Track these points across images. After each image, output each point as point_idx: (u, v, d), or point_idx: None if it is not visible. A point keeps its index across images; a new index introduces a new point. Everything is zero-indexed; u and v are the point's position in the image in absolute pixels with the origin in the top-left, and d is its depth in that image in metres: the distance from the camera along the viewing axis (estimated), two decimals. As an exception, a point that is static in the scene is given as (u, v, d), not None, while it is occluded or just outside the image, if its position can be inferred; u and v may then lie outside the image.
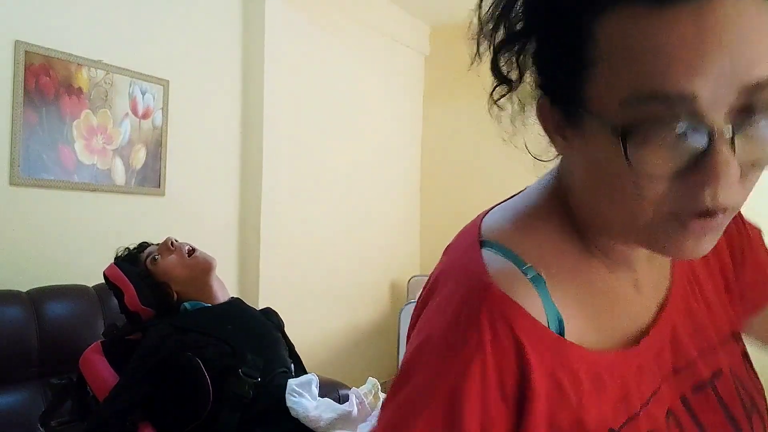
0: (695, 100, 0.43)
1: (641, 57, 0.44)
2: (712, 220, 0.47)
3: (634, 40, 0.44)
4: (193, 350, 1.54)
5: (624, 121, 0.45)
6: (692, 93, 0.43)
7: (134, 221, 2.58)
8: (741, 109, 0.44)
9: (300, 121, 3.41)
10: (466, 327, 0.49)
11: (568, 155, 0.55)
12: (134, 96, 2.59)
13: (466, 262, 0.54)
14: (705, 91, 0.43)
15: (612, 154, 0.46)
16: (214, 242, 2.76)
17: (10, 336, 1.86)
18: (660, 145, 0.45)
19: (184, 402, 1.52)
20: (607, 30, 0.46)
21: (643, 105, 0.44)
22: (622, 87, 0.45)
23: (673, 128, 0.44)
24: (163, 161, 2.71)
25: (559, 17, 0.49)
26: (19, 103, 2.18)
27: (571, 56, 0.48)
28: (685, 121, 0.44)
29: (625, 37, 0.45)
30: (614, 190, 0.49)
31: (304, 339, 2.19)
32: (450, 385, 0.48)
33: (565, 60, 0.49)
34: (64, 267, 2.30)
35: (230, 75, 3.08)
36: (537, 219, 0.57)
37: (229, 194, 3.09)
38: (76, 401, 1.67)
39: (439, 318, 0.52)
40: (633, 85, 0.44)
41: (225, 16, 3.04)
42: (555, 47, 0.50)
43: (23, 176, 2.21)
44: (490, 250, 0.54)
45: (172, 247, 1.76)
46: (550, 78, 0.52)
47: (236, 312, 1.78)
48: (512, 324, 0.49)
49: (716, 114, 0.43)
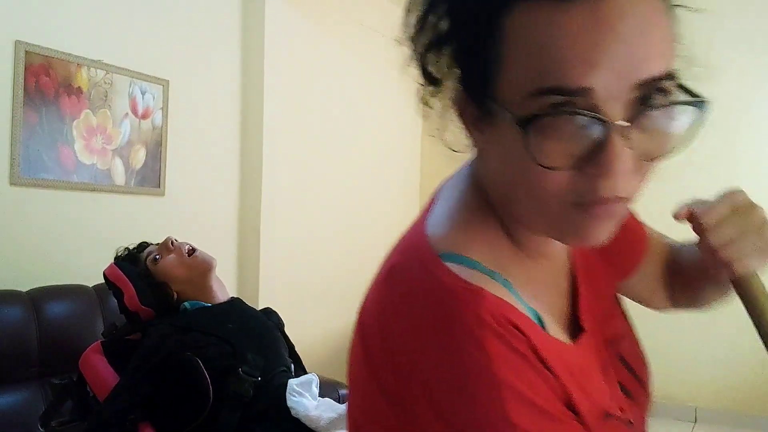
0: (592, 93, 0.44)
1: (542, 51, 0.45)
2: (610, 207, 0.49)
3: (537, 35, 0.46)
4: (193, 350, 1.54)
5: (527, 113, 0.46)
6: (589, 86, 0.44)
7: (134, 221, 2.58)
8: (637, 102, 0.45)
9: (300, 120, 3.41)
10: (479, 344, 0.46)
11: (485, 149, 0.55)
12: (134, 96, 2.59)
13: (436, 282, 0.50)
14: (601, 85, 0.44)
15: (519, 146, 0.47)
16: (214, 242, 2.75)
17: (10, 336, 1.86)
18: (559, 138, 0.46)
19: (185, 402, 1.52)
20: (515, 25, 0.47)
21: (544, 98, 0.45)
22: (527, 81, 0.46)
23: (571, 121, 0.45)
24: (162, 161, 2.71)
25: (472, 15, 0.50)
26: (19, 103, 2.18)
27: (484, 52, 0.49)
28: (583, 114, 0.45)
29: (528, 33, 0.46)
30: (523, 183, 0.50)
31: (304, 339, 2.19)
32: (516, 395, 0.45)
33: (479, 55, 0.50)
34: (64, 267, 2.30)
35: (230, 75, 3.08)
36: (475, 221, 0.56)
37: (229, 194, 3.09)
38: (77, 401, 1.67)
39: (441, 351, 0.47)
40: (535, 79, 0.45)
41: (225, 16, 3.04)
42: (470, 44, 0.51)
43: (23, 176, 2.21)
44: (452, 263, 0.51)
45: (172, 246, 1.76)
46: (466, 73, 0.52)
47: (236, 312, 1.78)
48: (517, 325, 0.48)
49: (612, 107, 0.45)
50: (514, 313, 0.49)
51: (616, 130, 0.45)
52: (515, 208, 0.54)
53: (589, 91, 0.44)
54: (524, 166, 0.48)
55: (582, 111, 0.45)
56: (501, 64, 0.48)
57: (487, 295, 0.48)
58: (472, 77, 0.52)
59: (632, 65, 0.44)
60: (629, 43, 0.44)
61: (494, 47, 0.48)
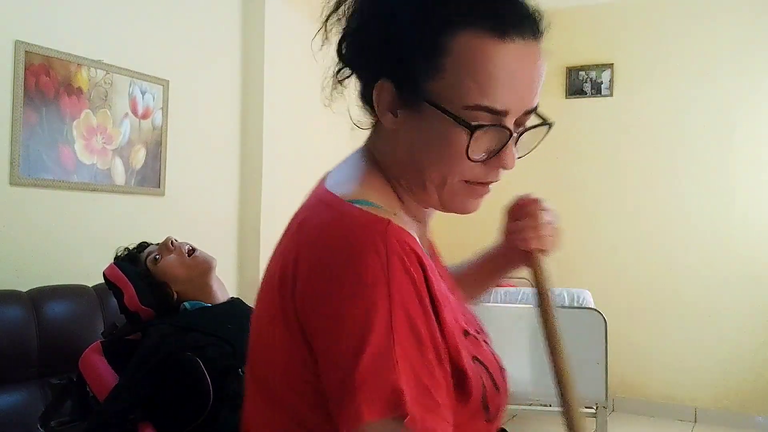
0: (507, 114, 0.65)
1: (481, 74, 0.63)
2: (487, 189, 0.71)
3: (478, 60, 0.63)
4: (193, 350, 1.54)
5: (466, 119, 0.64)
6: (508, 110, 0.65)
7: (134, 221, 2.58)
8: (519, 123, 0.68)
9: (300, 120, 3.41)
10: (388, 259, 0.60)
11: (394, 130, 0.70)
12: (134, 96, 2.59)
13: (349, 217, 0.63)
14: (513, 109, 0.65)
15: (446, 138, 0.65)
16: (214, 242, 2.75)
17: (10, 336, 1.86)
18: (484, 141, 0.66)
19: (185, 402, 1.52)
20: (459, 46, 0.63)
21: (479, 112, 0.64)
22: (465, 94, 0.64)
23: (494, 131, 0.65)
24: (162, 161, 2.71)
25: (422, 27, 0.64)
26: (19, 103, 2.18)
27: (427, 60, 0.64)
28: (505, 129, 0.65)
29: (471, 55, 0.63)
30: (439, 165, 0.67)
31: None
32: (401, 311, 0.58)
33: (421, 62, 0.64)
34: (64, 267, 2.30)
35: (230, 75, 3.08)
36: (374, 182, 0.71)
37: (229, 194, 3.09)
38: (76, 401, 1.67)
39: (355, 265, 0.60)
40: (473, 95, 0.63)
41: (225, 16, 3.04)
42: (413, 50, 0.65)
43: (23, 176, 2.21)
44: (361, 204, 0.65)
45: (172, 246, 1.75)
46: (400, 70, 0.66)
47: (236, 312, 1.78)
48: (414, 248, 0.62)
49: (511, 123, 0.66)
50: (414, 243, 0.64)
51: (513, 139, 0.67)
52: (413, 180, 0.71)
53: (507, 112, 0.65)
54: (448, 153, 0.66)
55: (505, 126, 0.65)
56: (440, 72, 0.64)
57: (393, 223, 0.62)
58: (406, 74, 0.66)
59: (529, 99, 0.66)
60: (532, 83, 0.66)
61: (435, 58, 0.64)
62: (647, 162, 4.11)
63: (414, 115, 0.67)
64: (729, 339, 3.84)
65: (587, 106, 4.23)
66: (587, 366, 2.73)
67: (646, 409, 4.03)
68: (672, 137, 4.05)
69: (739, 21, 3.89)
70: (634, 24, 4.16)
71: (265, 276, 0.71)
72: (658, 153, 4.08)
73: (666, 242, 4.03)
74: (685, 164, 4.01)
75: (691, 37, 4.00)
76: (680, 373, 3.97)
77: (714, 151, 3.96)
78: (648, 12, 4.12)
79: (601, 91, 4.22)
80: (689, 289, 3.95)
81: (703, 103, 3.96)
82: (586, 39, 4.20)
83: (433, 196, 0.70)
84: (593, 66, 4.24)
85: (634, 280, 4.08)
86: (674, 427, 3.84)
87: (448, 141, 0.65)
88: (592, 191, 4.23)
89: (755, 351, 3.77)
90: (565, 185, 4.14)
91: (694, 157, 3.99)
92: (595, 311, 2.82)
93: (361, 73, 0.73)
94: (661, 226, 4.05)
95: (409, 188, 0.72)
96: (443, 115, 0.64)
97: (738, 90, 3.88)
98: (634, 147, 4.15)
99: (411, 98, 0.66)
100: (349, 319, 0.58)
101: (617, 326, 3.48)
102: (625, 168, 4.17)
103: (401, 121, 0.68)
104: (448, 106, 0.64)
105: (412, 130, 0.68)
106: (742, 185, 3.88)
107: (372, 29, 0.68)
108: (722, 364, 3.86)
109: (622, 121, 4.18)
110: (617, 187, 4.19)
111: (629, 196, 4.15)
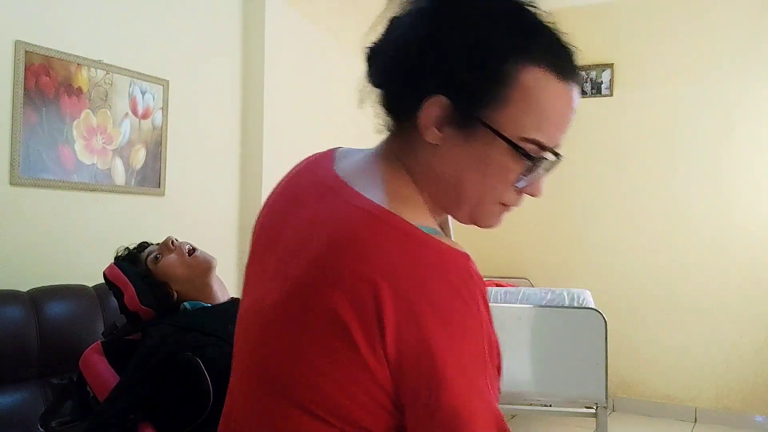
0: (557, 148, 0.71)
1: (543, 111, 0.68)
2: (512, 209, 0.75)
3: (543, 97, 0.67)
4: (193, 350, 1.53)
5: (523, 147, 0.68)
6: (552, 145, 0.70)
7: (134, 221, 2.58)
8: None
9: (300, 121, 3.41)
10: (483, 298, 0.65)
11: (437, 146, 0.71)
12: (134, 96, 2.59)
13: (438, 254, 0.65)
14: (554, 145, 0.70)
15: (497, 161, 0.69)
16: (214, 242, 2.75)
17: (10, 336, 1.86)
18: (532, 171, 0.70)
19: (185, 402, 1.52)
20: (527, 80, 0.66)
21: (533, 145, 0.68)
22: (525, 126, 0.67)
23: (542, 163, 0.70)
24: (162, 161, 2.71)
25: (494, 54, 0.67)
26: (19, 103, 2.18)
27: (493, 87, 0.67)
28: (544, 160, 0.70)
29: (536, 91, 0.67)
30: (482, 186, 0.71)
31: (304, 339, 2.20)
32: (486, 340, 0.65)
33: (487, 87, 0.67)
34: (64, 267, 2.30)
35: (230, 75, 3.08)
36: (404, 190, 0.72)
37: (229, 194, 3.09)
38: (77, 401, 1.67)
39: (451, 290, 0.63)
40: (532, 128, 0.67)
41: (225, 16, 3.04)
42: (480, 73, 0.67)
43: (23, 176, 2.21)
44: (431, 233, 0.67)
45: (173, 246, 1.75)
46: (462, 91, 0.68)
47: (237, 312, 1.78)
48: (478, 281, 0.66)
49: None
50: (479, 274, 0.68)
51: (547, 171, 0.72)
52: (447, 194, 0.73)
53: (550, 147, 0.70)
54: (496, 178, 0.70)
55: (548, 160, 0.70)
56: (504, 100, 0.67)
57: (471, 258, 0.66)
58: (467, 96, 0.68)
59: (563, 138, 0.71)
60: (569, 125, 0.71)
61: (502, 86, 0.66)
62: (647, 162, 4.11)
63: (463, 135, 0.69)
64: (729, 339, 3.84)
65: (587, 106, 4.23)
66: (587, 366, 2.73)
67: (645, 409, 4.03)
68: (672, 137, 4.05)
69: (739, 21, 3.89)
70: (634, 24, 4.16)
71: (284, 279, 0.69)
72: (657, 153, 4.08)
73: (666, 242, 4.03)
74: (685, 164, 4.01)
75: (691, 37, 4.00)
76: (680, 373, 3.97)
77: (714, 150, 3.96)
78: (648, 12, 4.12)
79: (601, 91, 4.23)
80: (689, 289, 3.95)
81: (703, 103, 3.96)
82: (586, 39, 4.18)
83: (465, 211, 0.74)
84: (593, 66, 4.24)
85: (634, 280, 4.08)
86: (674, 427, 3.84)
87: (500, 167, 0.69)
88: (592, 191, 4.23)
89: (755, 351, 3.77)
90: (565, 185, 4.14)
91: (694, 156, 3.99)
92: (595, 311, 2.82)
93: (398, 85, 0.72)
94: (661, 225, 4.05)
95: (439, 200, 0.74)
96: (499, 141, 0.67)
97: (738, 90, 3.88)
98: (634, 147, 4.15)
99: (465, 119, 0.68)
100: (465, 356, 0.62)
101: (617, 326, 3.49)
102: (625, 168, 4.17)
103: (446, 137, 0.70)
104: (506, 135, 0.67)
105: (457, 148, 0.70)
106: (742, 185, 3.88)
107: (435, 46, 0.68)
108: (722, 364, 3.86)
109: (622, 121, 4.19)
110: (617, 187, 4.19)
111: (629, 196, 4.15)
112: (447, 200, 0.73)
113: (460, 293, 0.62)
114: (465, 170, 0.70)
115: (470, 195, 0.71)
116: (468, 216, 0.74)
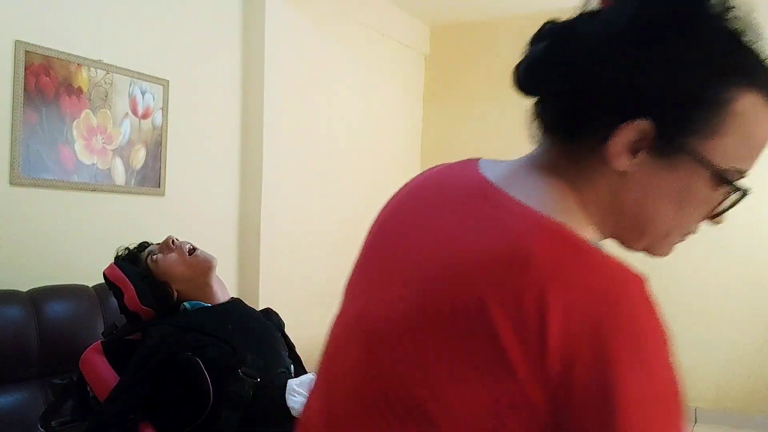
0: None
1: (754, 141, 0.62)
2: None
3: (757, 127, 0.61)
4: (193, 350, 1.54)
5: (730, 178, 0.62)
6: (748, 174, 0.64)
7: (134, 221, 2.58)
8: None
9: (300, 120, 3.41)
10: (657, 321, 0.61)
11: (625, 172, 0.63)
12: (134, 96, 2.59)
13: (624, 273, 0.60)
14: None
15: (702, 193, 0.63)
16: (214, 242, 2.75)
17: (10, 336, 1.86)
18: (731, 199, 0.64)
19: (185, 402, 1.52)
20: (745, 108, 0.60)
21: (737, 174, 0.62)
22: (735, 158, 0.61)
23: (744, 191, 0.64)
24: (163, 161, 2.71)
25: (714, 80, 0.60)
26: (19, 103, 2.18)
27: (709, 115, 0.60)
28: (748, 189, 0.64)
29: (753, 121, 0.61)
30: (673, 214, 0.64)
31: (304, 339, 2.19)
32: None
33: (702, 115, 0.60)
34: (64, 267, 2.30)
35: (230, 75, 3.08)
36: (582, 215, 0.66)
37: (229, 194, 3.09)
38: (77, 401, 1.67)
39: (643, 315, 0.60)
40: (741, 161, 0.62)
41: (225, 16, 3.04)
42: (697, 99, 0.60)
43: (23, 176, 2.21)
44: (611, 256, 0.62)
45: (173, 245, 1.75)
46: (676, 118, 0.61)
47: (236, 312, 1.78)
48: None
49: None
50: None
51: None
52: (627, 224, 0.66)
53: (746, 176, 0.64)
54: (696, 211, 0.64)
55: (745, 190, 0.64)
56: (717, 130, 0.60)
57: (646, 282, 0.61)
58: (679, 123, 0.61)
59: None
60: None
61: (718, 115, 0.60)
62: (647, 162, 4.11)
63: (662, 163, 0.62)
64: (729, 339, 3.84)
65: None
66: (587, 366, 2.73)
67: (646, 409, 4.03)
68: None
69: (739, 21, 3.89)
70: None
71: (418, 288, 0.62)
72: (658, 153, 4.08)
73: (666, 242, 4.03)
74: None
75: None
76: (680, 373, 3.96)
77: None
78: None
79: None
80: (689, 289, 3.95)
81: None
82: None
83: (645, 242, 0.68)
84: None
85: (634, 280, 4.08)
86: (674, 427, 3.84)
87: (702, 198, 0.63)
88: (592, 191, 4.24)
89: (755, 351, 3.77)
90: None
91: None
92: (595, 311, 2.81)
93: (585, 103, 0.63)
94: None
95: (611, 227, 0.67)
96: (702, 170, 0.61)
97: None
98: (634, 147, 4.15)
99: (670, 147, 0.61)
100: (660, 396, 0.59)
101: (617, 326, 3.46)
102: (625, 168, 4.17)
103: (638, 163, 0.62)
104: (717, 164, 0.61)
105: (652, 177, 0.63)
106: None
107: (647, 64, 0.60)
108: (722, 364, 3.86)
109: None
110: (617, 187, 4.19)
111: (629, 196, 4.15)
112: (623, 229, 0.67)
113: (651, 317, 0.57)
114: (659, 201, 0.63)
115: (660, 226, 0.65)
116: (646, 246, 0.68)
